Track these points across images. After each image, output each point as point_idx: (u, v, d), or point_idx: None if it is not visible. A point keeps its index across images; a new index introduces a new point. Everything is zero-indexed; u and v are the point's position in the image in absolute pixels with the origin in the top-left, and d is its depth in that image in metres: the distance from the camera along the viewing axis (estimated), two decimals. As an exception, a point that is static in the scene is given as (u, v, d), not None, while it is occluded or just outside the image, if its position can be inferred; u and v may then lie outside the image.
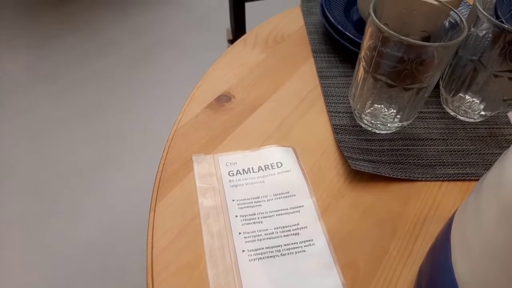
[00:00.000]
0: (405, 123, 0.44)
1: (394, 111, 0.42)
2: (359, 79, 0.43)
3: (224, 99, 0.49)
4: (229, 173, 0.41)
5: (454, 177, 0.43)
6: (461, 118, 0.49)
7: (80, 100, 1.61)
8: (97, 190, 1.30)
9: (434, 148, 0.46)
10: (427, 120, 0.49)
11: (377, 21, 0.36)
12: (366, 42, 0.40)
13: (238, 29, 1.08)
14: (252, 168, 0.42)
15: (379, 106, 0.43)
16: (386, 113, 0.43)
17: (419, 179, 0.42)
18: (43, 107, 1.57)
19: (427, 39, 0.42)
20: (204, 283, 0.34)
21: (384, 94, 0.41)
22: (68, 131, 1.48)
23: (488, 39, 0.40)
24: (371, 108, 0.44)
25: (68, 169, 1.36)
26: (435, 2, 0.40)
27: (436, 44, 0.36)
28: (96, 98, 1.62)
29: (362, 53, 0.41)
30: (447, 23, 0.40)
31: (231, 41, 1.12)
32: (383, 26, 0.36)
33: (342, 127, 0.46)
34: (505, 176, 0.22)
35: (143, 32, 1.96)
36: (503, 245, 0.22)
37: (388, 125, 0.44)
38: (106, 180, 1.33)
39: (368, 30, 0.39)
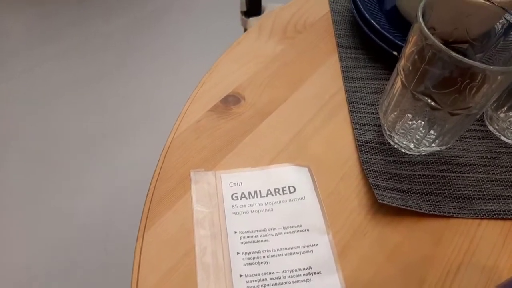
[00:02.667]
0: (443, 148, 0.38)
1: (434, 135, 0.36)
2: (394, 92, 0.36)
3: (231, 100, 0.42)
4: (232, 196, 0.35)
5: (495, 214, 0.36)
6: (507, 140, 0.42)
7: (84, 63, 1.53)
8: (100, 161, 1.25)
9: (473, 176, 0.39)
10: (466, 140, 0.42)
11: (428, 33, 0.29)
12: (408, 51, 0.33)
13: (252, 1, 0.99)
14: (260, 191, 0.36)
15: (417, 123, 0.36)
16: (423, 135, 0.36)
17: (454, 215, 0.36)
18: (46, 69, 1.50)
19: (479, 48, 0.35)
20: (195, 337, 0.28)
21: (424, 115, 0.34)
22: (72, 95, 1.42)
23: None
24: (406, 125, 0.37)
25: (70, 137, 1.30)
26: (496, 7, 0.32)
27: (503, 68, 0.28)
28: (101, 63, 1.54)
29: (402, 64, 0.34)
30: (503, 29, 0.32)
31: (245, 13, 1.04)
32: (439, 43, 0.29)
33: (368, 144, 0.40)
34: None
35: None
36: None
37: (423, 148, 0.38)
38: (110, 151, 1.28)
39: (412, 39, 0.31)
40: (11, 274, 1.01)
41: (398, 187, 0.37)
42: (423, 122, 0.36)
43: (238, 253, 0.32)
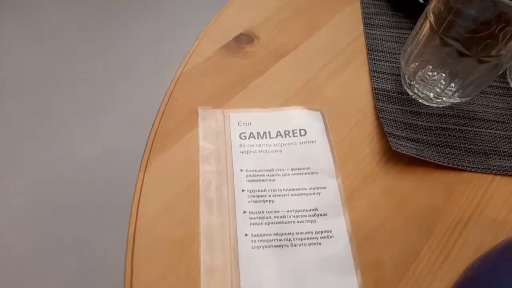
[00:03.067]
0: (463, 100, 0.36)
1: (457, 85, 0.34)
2: (421, 37, 0.34)
3: (244, 39, 0.40)
4: (240, 135, 0.34)
5: (510, 171, 0.35)
6: (530, 98, 0.40)
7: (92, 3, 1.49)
8: (101, 105, 1.24)
9: (490, 132, 0.37)
10: (486, 96, 0.40)
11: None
12: (439, -11, 0.30)
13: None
14: (269, 132, 0.35)
15: (438, 75, 0.34)
16: (443, 87, 0.34)
17: (468, 169, 0.35)
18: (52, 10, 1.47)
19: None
20: (195, 267, 0.28)
21: (450, 63, 0.32)
22: (77, 33, 1.39)
23: None
24: (427, 76, 0.35)
25: (71, 78, 1.28)
26: None
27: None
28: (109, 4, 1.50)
29: (432, 6, 0.32)
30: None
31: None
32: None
33: (385, 92, 0.38)
34: None
35: None
36: None
37: (444, 99, 0.36)
38: (112, 95, 1.26)
39: (446, -27, 0.29)
40: (10, 215, 1.03)
41: (413, 137, 0.35)
42: (443, 75, 0.34)
43: (243, 190, 0.31)
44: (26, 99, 1.25)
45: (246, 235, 0.29)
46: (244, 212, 0.30)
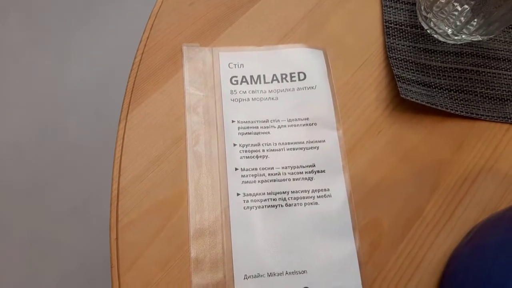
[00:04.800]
0: (485, 38, 0.31)
1: (481, 21, 0.29)
2: (444, -39, 0.28)
3: (236, -41, 0.34)
4: (231, 79, 0.30)
5: (528, 119, 0.32)
6: (561, 33, 0.35)
7: None
8: (92, 26, 1.16)
9: (510, 74, 0.33)
10: (510, 31, 0.35)
11: None
12: None
13: None
14: (264, 76, 0.31)
15: (461, 9, 0.29)
16: (464, 22, 0.30)
17: (482, 117, 0.32)
18: None
19: None
20: (183, 230, 0.26)
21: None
22: None
23: None
24: (445, 12, 0.30)
25: (60, 3, 1.18)
26: None
27: None
28: None
29: None
30: None
31: None
32: None
33: (398, 26, 0.33)
34: None
35: None
36: None
37: (463, 36, 0.31)
38: (101, 16, 1.17)
39: None
40: (3, 136, 1.01)
41: (425, 81, 0.32)
42: (467, 7, 0.29)
43: (234, 145, 0.28)
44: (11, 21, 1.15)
45: (238, 194, 0.27)
46: (236, 169, 0.28)
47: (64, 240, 0.91)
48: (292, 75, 0.31)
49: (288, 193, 0.28)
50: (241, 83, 0.30)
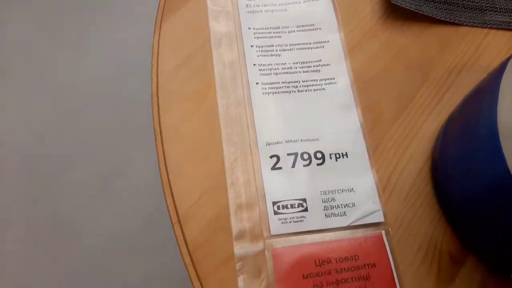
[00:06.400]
0: (464, -47, 0.36)
1: None
2: None
3: None
4: (246, -4, 0.36)
5: (504, 25, 0.37)
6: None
7: None
8: (105, 22, 1.23)
9: (488, -11, 0.38)
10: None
11: None
12: None
13: None
14: (274, -8, 0.36)
15: None
16: None
17: (464, 23, 0.37)
18: None
19: None
20: (213, 113, 0.31)
21: None
22: None
23: None
24: None
25: None
26: None
27: None
28: None
29: None
30: None
31: None
32: None
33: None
34: None
35: None
36: None
37: (443, -47, 0.37)
38: (113, 12, 1.24)
39: None
40: (15, 136, 1.06)
41: (412, -6, 0.37)
42: None
43: (252, 46, 0.34)
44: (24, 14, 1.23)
45: (257, 83, 0.32)
46: (254, 64, 0.33)
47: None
48: (298, -10, 0.36)
49: (299, 82, 0.33)
50: (255, -1, 0.36)
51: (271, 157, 0.30)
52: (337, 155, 0.30)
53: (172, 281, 0.88)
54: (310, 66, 0.33)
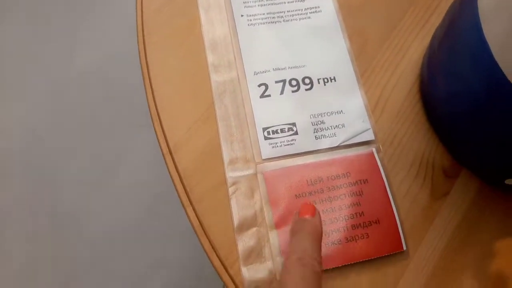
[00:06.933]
0: None
1: None
2: None
3: None
4: None
5: None
6: None
7: None
8: (96, 13, 1.22)
9: None
10: None
11: None
12: None
13: None
14: None
15: None
16: None
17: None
18: None
19: None
20: (199, 45, 0.31)
21: None
22: None
23: None
24: None
25: None
26: None
27: None
28: None
29: None
30: None
31: None
32: None
33: None
34: None
35: None
36: None
37: None
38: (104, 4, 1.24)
39: None
40: (11, 126, 1.06)
41: None
42: None
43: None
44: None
45: (242, 16, 0.32)
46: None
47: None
48: None
49: (284, 12, 0.32)
50: None
51: (259, 85, 0.30)
52: (325, 80, 0.30)
53: (176, 270, 0.89)
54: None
